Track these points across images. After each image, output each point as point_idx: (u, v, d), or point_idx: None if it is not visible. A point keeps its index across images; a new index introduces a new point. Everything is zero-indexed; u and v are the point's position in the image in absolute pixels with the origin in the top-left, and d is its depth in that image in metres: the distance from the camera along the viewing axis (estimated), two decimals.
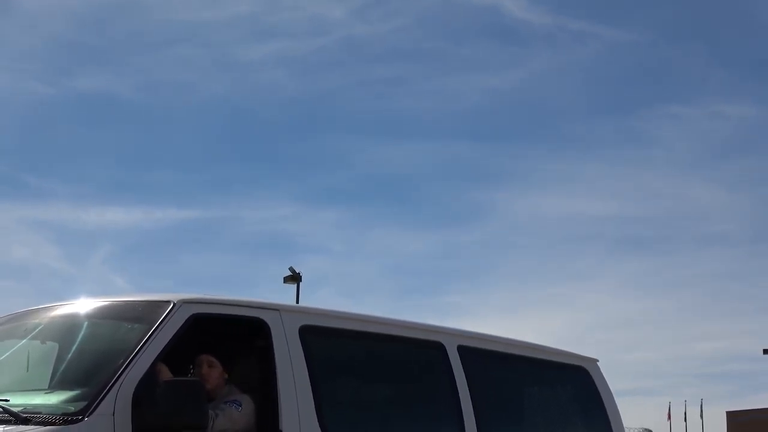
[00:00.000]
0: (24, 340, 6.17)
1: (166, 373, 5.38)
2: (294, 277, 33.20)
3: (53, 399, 5.33)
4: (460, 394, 6.84)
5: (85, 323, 6.00)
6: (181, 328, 5.53)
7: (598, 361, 8.32)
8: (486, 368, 7.33)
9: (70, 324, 6.05)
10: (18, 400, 5.29)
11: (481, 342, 7.41)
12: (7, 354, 6.16)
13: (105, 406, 5.07)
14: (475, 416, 6.84)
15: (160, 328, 5.47)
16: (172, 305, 5.61)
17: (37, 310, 6.32)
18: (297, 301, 27.57)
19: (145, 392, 5.14)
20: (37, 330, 6.13)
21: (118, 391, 5.13)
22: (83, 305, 6.14)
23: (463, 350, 7.05)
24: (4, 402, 5.20)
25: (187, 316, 5.59)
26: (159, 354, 5.36)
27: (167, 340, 5.44)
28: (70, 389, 5.37)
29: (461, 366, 6.96)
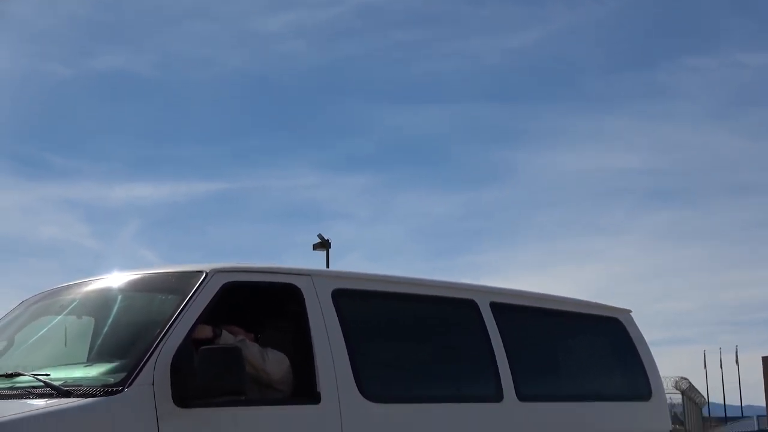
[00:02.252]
0: (60, 316, 6.25)
1: (205, 331, 5.44)
2: (323, 244, 33.53)
3: (93, 372, 5.39)
4: (494, 351, 6.87)
5: (120, 297, 6.06)
6: (214, 296, 5.58)
7: (631, 311, 8.32)
8: (519, 324, 7.35)
9: (105, 298, 6.12)
10: (58, 374, 5.36)
11: (514, 298, 7.43)
12: (45, 330, 6.24)
13: (144, 376, 5.13)
14: (510, 371, 6.88)
15: (194, 297, 5.51)
16: (204, 275, 5.66)
17: (72, 285, 6.39)
18: (327, 267, 27.74)
19: (183, 361, 5.20)
20: (72, 305, 6.21)
21: (156, 361, 5.19)
22: (117, 279, 6.20)
23: (495, 307, 7.08)
24: (45, 376, 5.28)
25: (220, 285, 5.63)
26: (194, 323, 5.42)
27: (201, 309, 5.49)
28: (109, 362, 5.43)
29: (495, 322, 6.99)
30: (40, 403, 5.04)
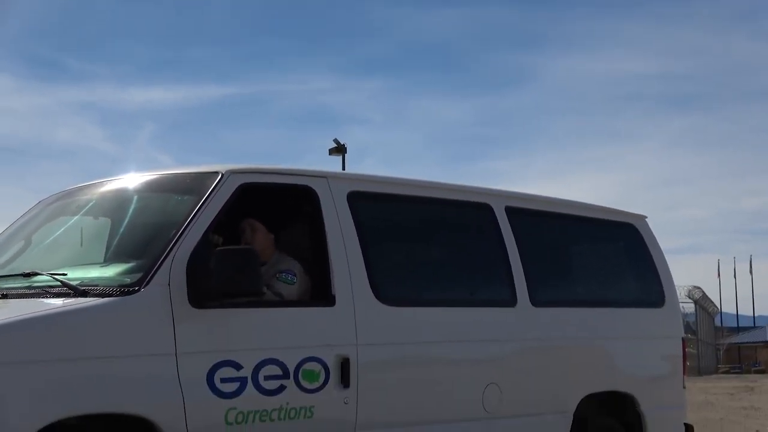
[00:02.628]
0: (77, 217, 6.27)
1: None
2: (339, 149, 33.58)
3: (109, 272, 5.43)
4: (509, 254, 6.88)
5: (135, 197, 6.07)
6: (230, 198, 5.57)
7: (646, 217, 8.29)
8: (534, 228, 7.35)
9: (121, 199, 6.13)
10: (75, 274, 5.40)
11: (529, 202, 7.41)
12: (62, 230, 6.27)
13: (160, 276, 5.15)
14: (525, 276, 6.90)
15: (210, 198, 5.51)
16: (220, 176, 5.65)
17: (88, 186, 6.40)
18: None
19: (199, 262, 5.22)
20: (89, 206, 6.22)
21: (172, 261, 5.20)
22: (132, 180, 6.21)
23: (511, 211, 7.07)
24: (62, 276, 5.31)
25: (235, 186, 5.62)
26: (210, 224, 5.42)
27: (217, 211, 5.49)
28: (126, 262, 5.46)
29: (510, 227, 6.98)
30: (57, 302, 5.08)
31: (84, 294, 5.10)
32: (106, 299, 5.04)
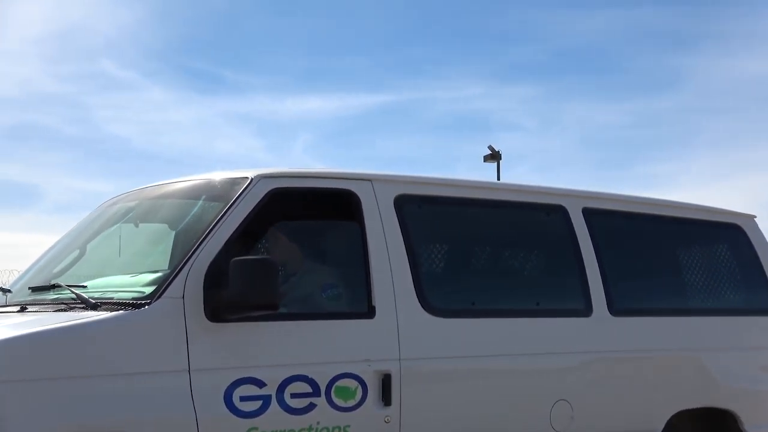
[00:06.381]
0: (117, 225, 6.07)
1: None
2: (494, 156, 33.38)
3: (135, 283, 5.20)
4: (585, 263, 6.31)
5: (169, 204, 5.86)
6: (258, 204, 5.25)
7: (755, 217, 7.55)
8: (617, 231, 6.76)
9: (157, 206, 5.92)
10: (101, 286, 5.25)
11: (612, 203, 6.79)
12: (101, 238, 6.08)
13: (174, 289, 4.88)
14: (603, 282, 6.33)
15: (235, 205, 5.20)
16: (249, 181, 5.34)
17: (130, 193, 6.21)
18: (498, 180, 27.36)
19: (219, 273, 4.91)
20: (130, 214, 6.02)
21: (188, 272, 4.92)
22: (169, 186, 5.97)
23: (589, 213, 6.51)
24: (81, 288, 5.13)
25: (265, 192, 5.29)
26: (233, 233, 5.11)
27: (243, 218, 5.17)
28: (153, 272, 5.22)
29: (586, 230, 6.43)
30: (64, 316, 4.88)
31: (95, 307, 4.89)
32: (113, 313, 4.81)
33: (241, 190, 5.29)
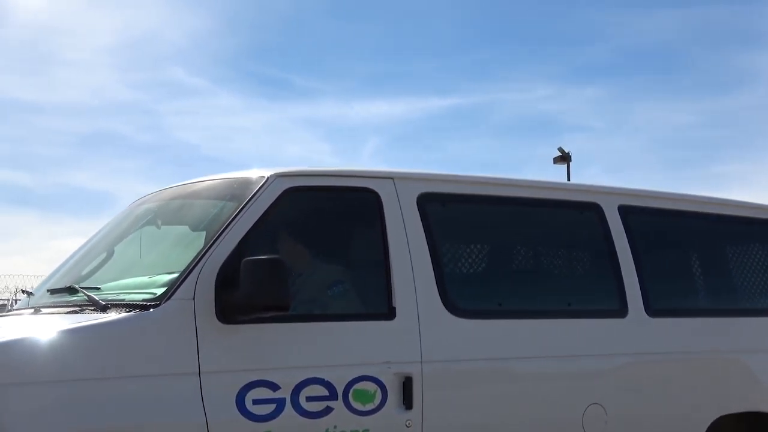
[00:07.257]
0: (139, 226, 6.00)
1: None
2: (564, 157, 33.20)
3: (150, 284, 5.11)
4: (621, 262, 6.10)
5: (184, 204, 5.77)
6: (273, 203, 5.14)
7: None
8: (656, 229, 6.54)
9: (178, 207, 5.84)
10: (117, 287, 5.19)
11: (649, 200, 6.55)
12: (128, 240, 6.01)
13: (184, 290, 4.78)
14: (639, 282, 6.11)
15: (248, 204, 5.10)
16: (264, 180, 5.23)
17: (154, 194, 6.13)
18: (568, 180, 27.07)
19: (230, 273, 4.81)
20: (152, 215, 5.95)
21: (199, 273, 4.82)
22: (190, 187, 5.88)
23: (625, 210, 6.30)
24: (95, 290, 5.07)
25: (280, 191, 5.18)
26: (247, 233, 5.00)
27: (256, 218, 5.06)
28: (168, 273, 5.13)
29: (622, 228, 6.21)
30: (70, 318, 4.83)
31: (105, 309, 4.82)
32: (121, 315, 4.73)
33: (256, 189, 5.18)
